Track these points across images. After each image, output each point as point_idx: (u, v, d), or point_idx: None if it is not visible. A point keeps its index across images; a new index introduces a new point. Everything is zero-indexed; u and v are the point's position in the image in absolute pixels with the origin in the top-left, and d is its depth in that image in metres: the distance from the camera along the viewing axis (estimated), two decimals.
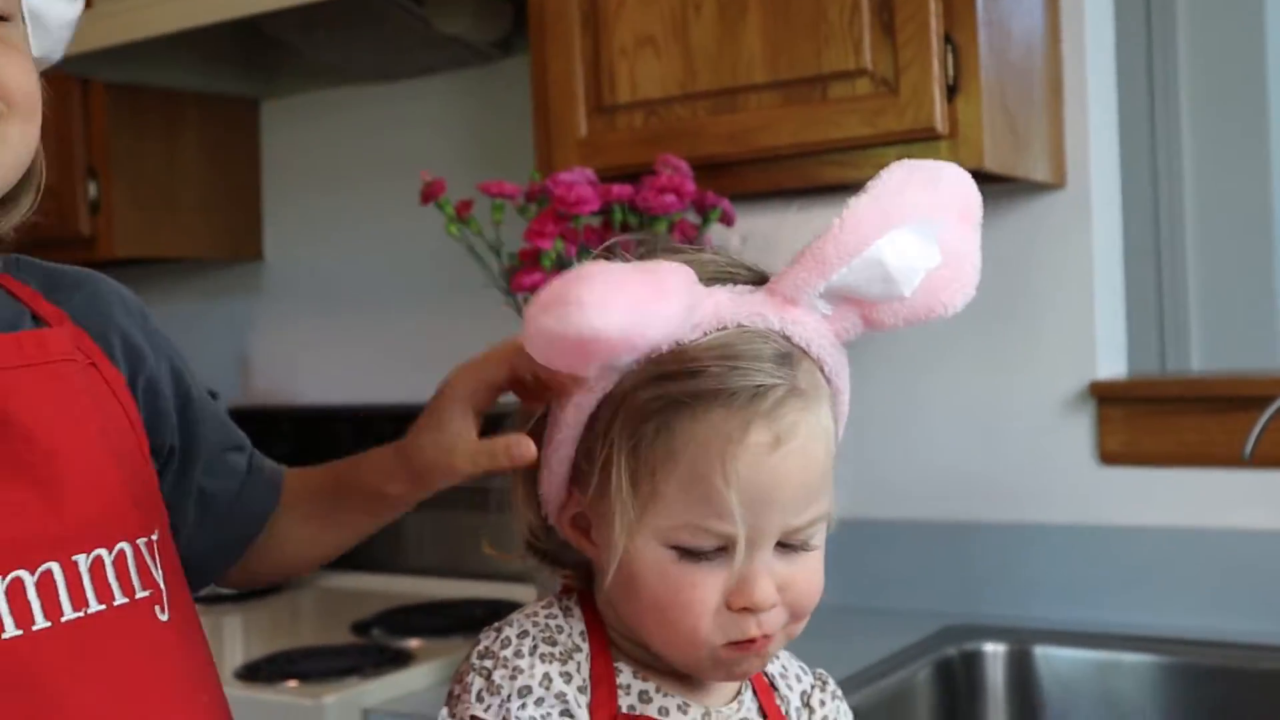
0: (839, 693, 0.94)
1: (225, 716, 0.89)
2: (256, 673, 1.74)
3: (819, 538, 0.82)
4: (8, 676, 0.75)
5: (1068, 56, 1.83)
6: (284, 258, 2.58)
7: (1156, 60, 2.85)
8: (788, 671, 0.92)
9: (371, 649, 1.85)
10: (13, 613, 0.75)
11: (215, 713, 0.87)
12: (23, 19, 0.84)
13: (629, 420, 0.79)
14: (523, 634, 0.80)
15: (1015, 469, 1.87)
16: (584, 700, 0.79)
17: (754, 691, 0.88)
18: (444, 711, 0.80)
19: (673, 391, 0.77)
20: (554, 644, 0.80)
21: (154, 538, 0.84)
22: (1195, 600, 1.74)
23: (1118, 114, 1.95)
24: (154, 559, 0.83)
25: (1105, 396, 1.81)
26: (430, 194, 1.61)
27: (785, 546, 0.79)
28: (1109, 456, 1.81)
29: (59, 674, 0.76)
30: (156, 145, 2.44)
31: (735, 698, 0.86)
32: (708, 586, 0.78)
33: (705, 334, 0.79)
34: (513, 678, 0.78)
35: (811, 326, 0.81)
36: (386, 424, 2.36)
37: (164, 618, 0.83)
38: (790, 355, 0.79)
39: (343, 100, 2.47)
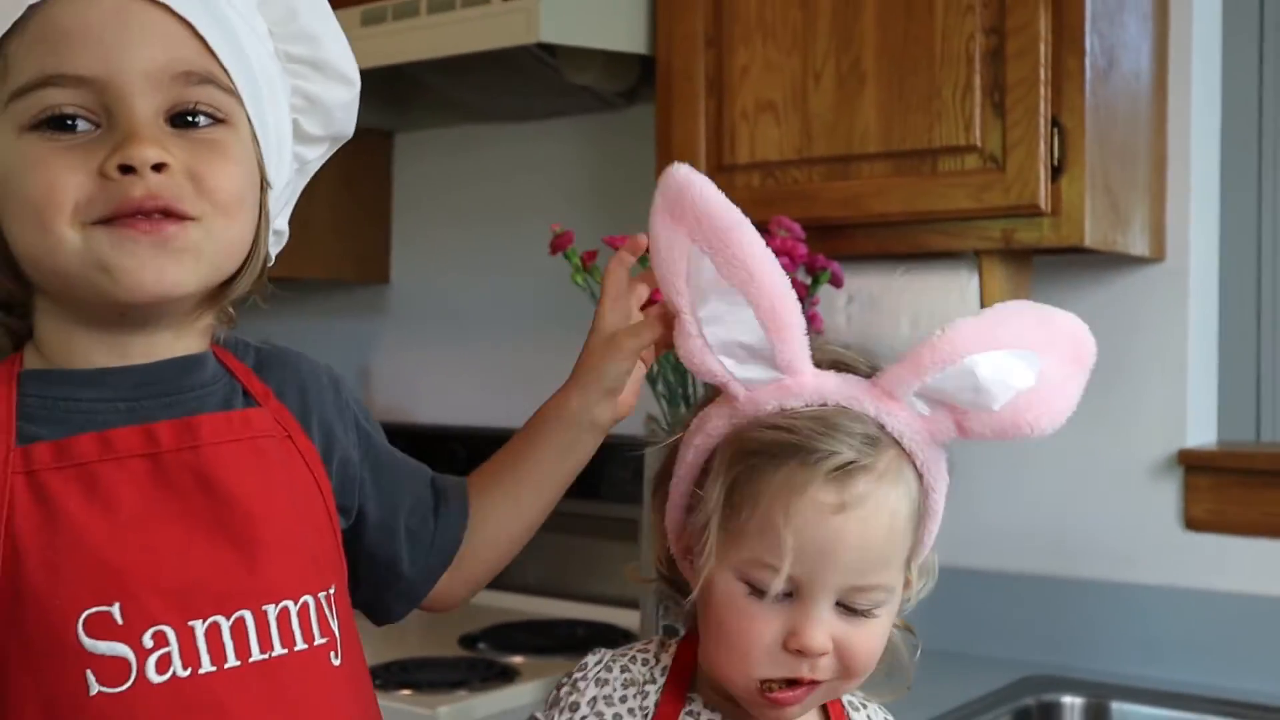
0: None
1: None
2: (372, 679, 1.86)
3: (883, 610, 0.91)
4: (202, 705, 0.86)
5: (1172, 135, 1.90)
6: (409, 282, 2.72)
7: (1266, 133, 2.89)
8: None
9: (479, 663, 1.97)
10: (209, 650, 0.87)
11: None
12: (249, 120, 0.94)
13: (729, 461, 0.91)
14: (598, 662, 0.95)
15: (1104, 529, 1.95)
16: None
17: None
18: None
19: (767, 440, 0.89)
20: (627, 671, 0.93)
21: (331, 592, 0.95)
22: (1272, 667, 1.80)
23: (1224, 188, 2.01)
24: (331, 611, 0.94)
25: (1193, 465, 1.88)
26: (559, 245, 1.72)
27: (847, 610, 0.89)
28: (1194, 523, 1.88)
29: (244, 706, 0.87)
30: None
31: None
32: (767, 624, 0.88)
33: (808, 405, 0.90)
34: (570, 694, 0.93)
35: (905, 420, 0.90)
36: (498, 447, 2.50)
37: (336, 663, 0.93)
38: (878, 440, 0.89)
39: (472, 136, 2.60)
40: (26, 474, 0.87)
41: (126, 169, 0.86)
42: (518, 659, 1.99)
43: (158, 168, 0.87)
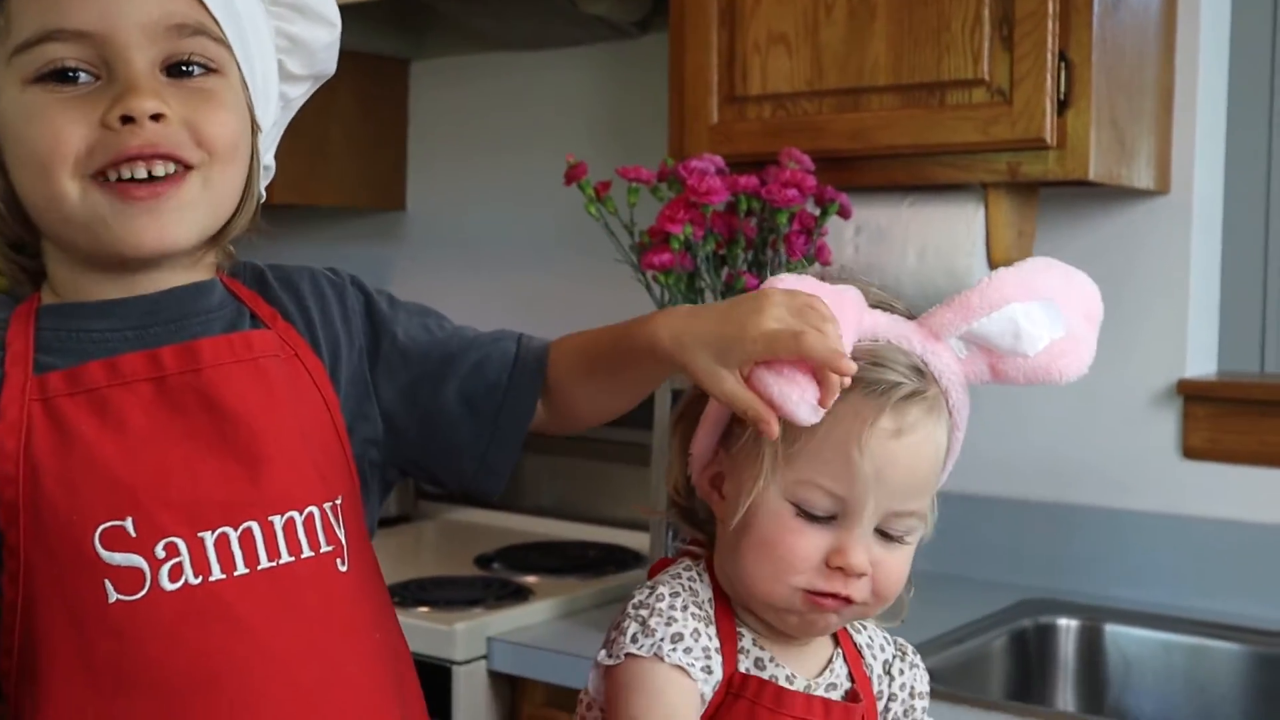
0: (918, 661, 1.08)
1: (394, 653, 1.03)
2: (391, 597, 1.92)
3: (913, 536, 0.96)
4: (214, 610, 0.92)
5: (1180, 70, 1.91)
6: (424, 209, 2.76)
7: (1279, 67, 2.89)
8: (873, 642, 1.06)
9: (494, 582, 2.03)
10: (219, 560, 0.92)
11: (384, 650, 1.01)
12: (238, 67, 0.98)
13: None
14: (675, 594, 0.95)
15: (1103, 457, 1.99)
16: (719, 659, 0.94)
17: (845, 659, 1.02)
18: (602, 653, 0.94)
19: None
20: (700, 607, 0.95)
21: (338, 502, 0.99)
22: (1264, 591, 1.85)
23: (1234, 121, 2.03)
24: (338, 520, 0.98)
25: (1192, 394, 1.92)
26: (573, 176, 1.75)
27: (884, 535, 0.94)
28: (1192, 451, 1.92)
29: (253, 609, 0.93)
30: (313, 99, 2.60)
31: (827, 667, 1.01)
32: (812, 542, 0.93)
33: (860, 340, 0.95)
34: (668, 624, 0.92)
35: (946, 360, 0.96)
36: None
37: (343, 569, 0.98)
38: (924, 373, 0.95)
39: (487, 65, 2.62)
40: (43, 401, 0.93)
41: (127, 119, 0.91)
42: (531, 579, 2.05)
43: (156, 118, 0.92)
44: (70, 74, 0.92)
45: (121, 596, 0.91)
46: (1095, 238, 1.98)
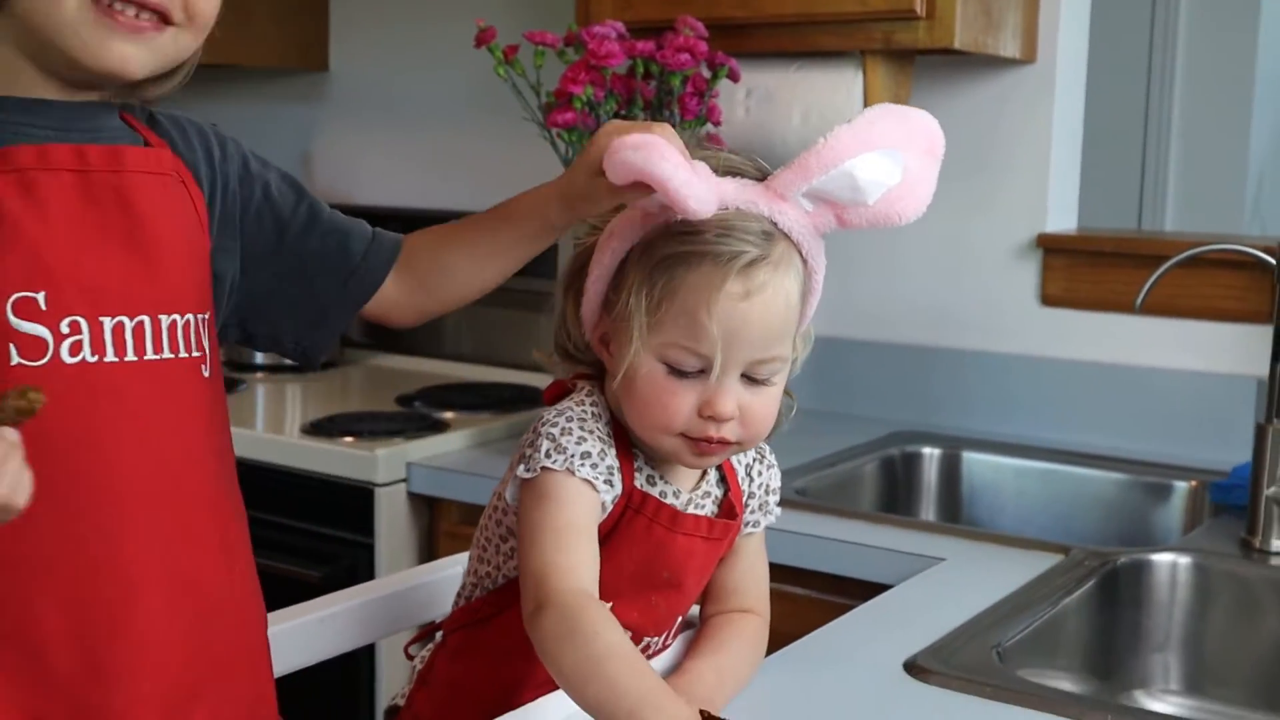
0: (773, 462, 1.25)
1: (229, 462, 1.18)
2: (319, 429, 2.09)
3: (778, 378, 1.10)
4: (102, 385, 1.03)
5: None
6: (347, 71, 2.87)
7: None
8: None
9: (414, 416, 2.20)
10: (113, 344, 1.05)
11: (223, 457, 1.16)
12: None
13: (647, 264, 1.07)
14: (581, 419, 1.10)
15: (970, 304, 2.19)
16: (619, 476, 1.10)
17: (720, 471, 1.19)
18: (520, 467, 1.09)
19: (680, 247, 1.06)
20: (602, 428, 1.10)
21: (205, 316, 1.13)
22: (1107, 423, 2.07)
23: None
24: (205, 331, 1.13)
25: (1050, 247, 2.11)
26: (482, 39, 1.89)
27: (750, 380, 1.08)
28: (1049, 299, 2.12)
29: (136, 391, 1.05)
30: None
31: (702, 479, 1.17)
32: (684, 397, 1.07)
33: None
34: (578, 443, 1.07)
35: (794, 217, 1.07)
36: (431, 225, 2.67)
37: (207, 374, 1.13)
38: (772, 235, 1.06)
39: None
40: None
41: None
42: (449, 414, 2.22)
43: None
44: None
45: (23, 361, 1.01)
46: (966, 103, 2.15)
